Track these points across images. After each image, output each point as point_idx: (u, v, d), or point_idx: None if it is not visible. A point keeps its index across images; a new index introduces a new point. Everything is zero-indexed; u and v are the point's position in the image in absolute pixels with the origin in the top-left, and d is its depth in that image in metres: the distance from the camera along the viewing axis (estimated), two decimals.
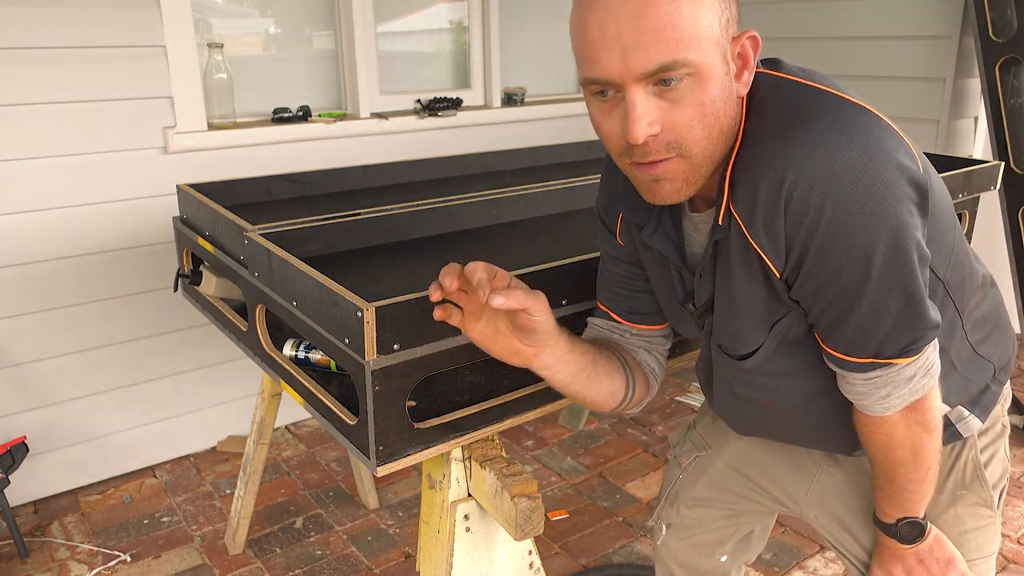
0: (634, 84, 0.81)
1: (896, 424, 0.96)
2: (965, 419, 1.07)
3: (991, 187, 1.94)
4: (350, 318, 1.08)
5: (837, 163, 0.81)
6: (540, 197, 1.88)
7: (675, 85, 0.81)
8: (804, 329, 0.97)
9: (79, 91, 2.13)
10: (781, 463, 1.25)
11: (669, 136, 0.84)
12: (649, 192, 0.91)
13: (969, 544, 1.11)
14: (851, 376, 0.95)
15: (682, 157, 0.86)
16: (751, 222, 0.87)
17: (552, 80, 3.22)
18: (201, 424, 2.57)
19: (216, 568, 2.05)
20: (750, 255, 0.90)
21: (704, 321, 1.04)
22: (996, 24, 2.55)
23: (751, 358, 1.01)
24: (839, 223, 0.82)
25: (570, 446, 2.63)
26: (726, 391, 1.11)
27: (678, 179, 0.88)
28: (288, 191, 1.97)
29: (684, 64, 0.80)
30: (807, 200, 0.82)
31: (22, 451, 2.08)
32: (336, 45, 2.67)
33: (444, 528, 1.24)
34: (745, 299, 0.95)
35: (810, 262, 0.86)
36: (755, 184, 0.85)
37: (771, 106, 0.88)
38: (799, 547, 2.10)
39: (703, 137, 0.85)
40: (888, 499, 1.05)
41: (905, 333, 0.89)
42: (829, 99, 0.86)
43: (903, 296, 0.87)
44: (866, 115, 0.85)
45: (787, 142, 0.83)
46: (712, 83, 0.82)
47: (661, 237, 1.01)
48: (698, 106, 0.83)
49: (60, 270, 2.22)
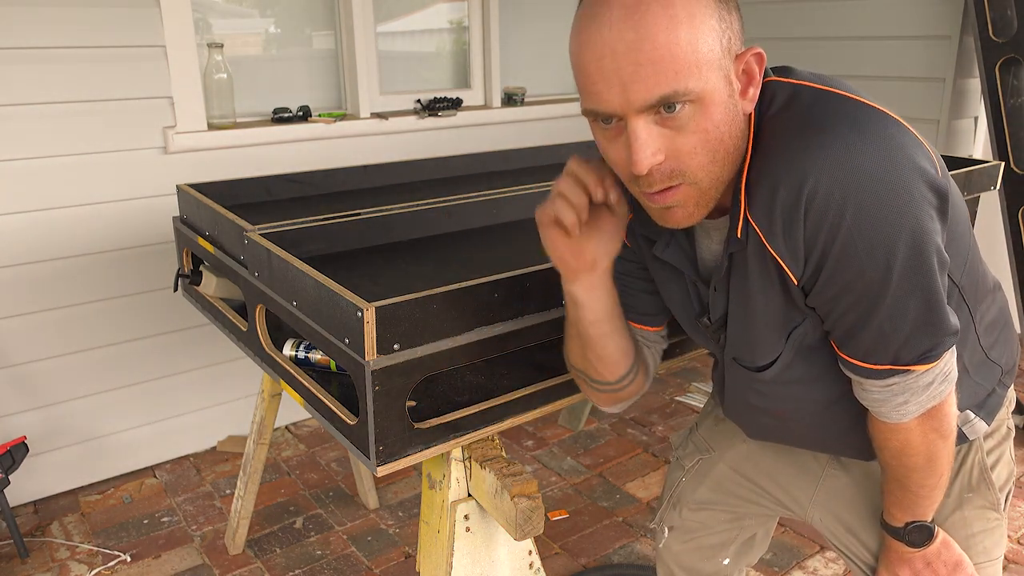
0: (636, 116, 0.81)
1: (912, 431, 0.96)
2: (971, 422, 1.07)
3: (991, 187, 1.94)
4: (350, 318, 1.08)
5: (857, 167, 0.80)
6: (540, 197, 1.87)
7: (677, 112, 0.80)
8: (820, 335, 0.96)
9: (79, 91, 2.13)
10: (786, 466, 1.25)
11: (673, 164, 0.83)
12: (661, 219, 0.90)
13: (976, 547, 1.10)
14: (868, 383, 0.94)
15: (688, 184, 0.85)
16: (770, 228, 0.86)
17: (552, 80, 3.22)
18: (201, 424, 2.57)
19: (216, 568, 2.05)
20: (767, 263, 0.89)
21: (720, 335, 1.03)
22: (996, 24, 2.55)
23: (769, 369, 1.00)
24: (860, 228, 0.81)
25: (570, 446, 2.63)
26: (741, 402, 1.10)
27: (689, 205, 0.87)
28: (288, 191, 1.97)
29: (685, 93, 0.79)
30: (827, 205, 0.81)
31: (22, 451, 2.08)
32: (336, 45, 2.67)
33: (444, 528, 1.24)
34: (763, 308, 0.94)
35: (829, 268, 0.85)
36: (773, 189, 0.84)
37: (788, 113, 0.87)
38: (799, 547, 2.10)
39: (708, 162, 0.84)
40: (898, 504, 1.05)
41: (924, 339, 0.89)
42: (846, 103, 0.85)
43: (923, 301, 0.86)
44: (885, 118, 0.84)
45: (806, 146, 0.82)
46: (715, 108, 0.82)
47: (674, 250, 1.00)
48: (702, 133, 0.82)
49: (60, 270, 2.22)
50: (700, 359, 2.04)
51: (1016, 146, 2.59)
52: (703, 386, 3.02)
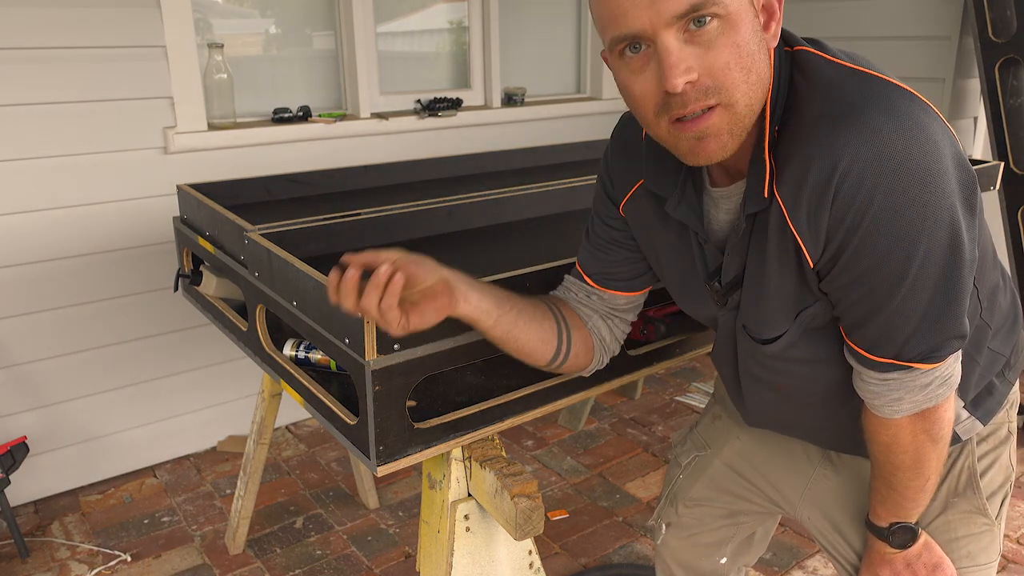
0: (665, 30, 0.78)
1: (903, 428, 0.95)
2: (963, 421, 1.06)
3: (991, 187, 1.94)
4: (350, 318, 1.08)
5: (891, 154, 0.78)
6: (540, 197, 1.88)
7: (707, 26, 0.79)
8: (829, 319, 0.95)
9: (79, 91, 2.13)
10: (778, 463, 1.25)
11: (708, 81, 0.81)
12: (692, 153, 0.86)
13: (959, 551, 1.09)
14: (867, 374, 0.93)
15: (723, 106, 0.82)
16: (795, 207, 0.85)
17: (552, 80, 3.22)
18: (201, 424, 2.57)
19: (216, 568, 2.05)
20: (787, 240, 0.88)
21: (729, 298, 1.01)
22: (996, 24, 2.55)
23: (774, 343, 0.99)
24: (886, 217, 0.80)
25: (570, 446, 2.63)
26: (745, 372, 1.09)
27: (723, 132, 0.84)
28: (288, 191, 1.97)
29: (715, 2, 0.78)
30: (857, 190, 0.80)
31: (22, 451, 2.08)
32: (336, 45, 2.67)
33: (444, 528, 1.24)
34: (776, 283, 0.93)
35: (848, 255, 0.84)
36: (805, 167, 0.82)
37: (820, 88, 0.85)
38: (799, 547, 2.10)
39: (742, 80, 0.81)
40: (884, 503, 1.05)
41: (930, 337, 0.87)
42: (879, 84, 0.83)
43: (938, 298, 0.85)
44: (916, 103, 0.82)
45: (840, 128, 0.80)
46: (743, 27, 0.80)
47: (686, 209, 0.98)
48: (733, 47, 0.80)
49: (60, 270, 2.22)
50: (700, 359, 2.04)
51: (1016, 146, 2.59)
52: (703, 386, 3.02)
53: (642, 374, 1.43)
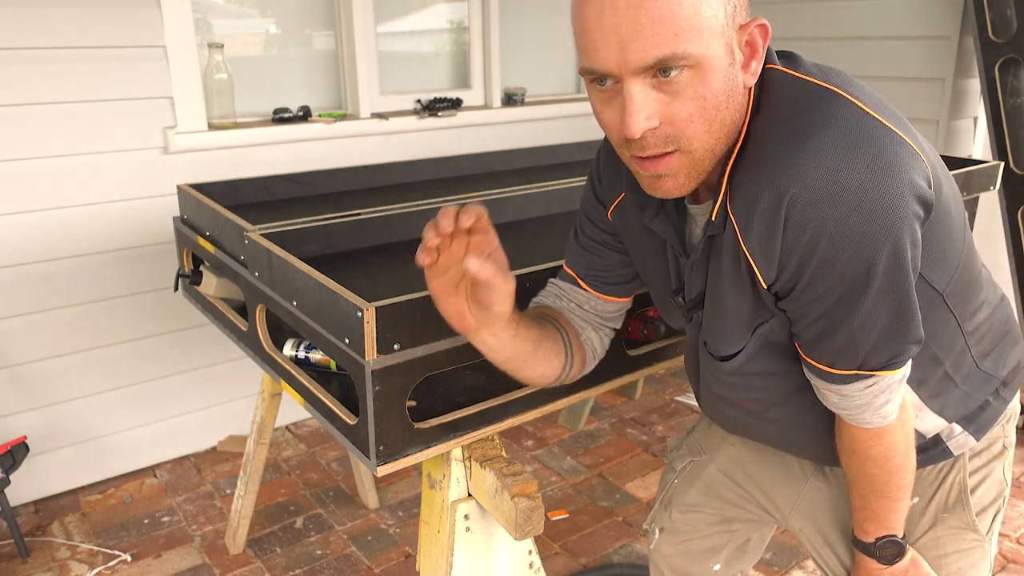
0: (632, 77, 0.79)
1: (895, 431, 0.95)
2: (956, 436, 1.05)
3: (990, 187, 1.94)
4: (350, 318, 1.08)
5: (842, 180, 0.78)
6: (540, 197, 1.88)
7: (674, 77, 0.78)
8: (786, 333, 0.95)
9: (79, 91, 2.13)
10: (772, 472, 1.24)
11: (668, 129, 0.81)
12: (650, 187, 0.88)
13: (948, 567, 1.08)
14: (831, 387, 0.93)
15: (682, 152, 0.83)
16: (747, 227, 0.85)
17: (552, 80, 3.22)
18: (201, 424, 2.57)
19: (216, 568, 2.05)
20: (740, 258, 0.88)
21: (693, 315, 1.02)
22: (996, 24, 2.55)
23: (733, 360, 0.99)
24: (840, 242, 0.79)
25: (570, 446, 2.63)
26: (706, 389, 1.10)
27: (680, 174, 0.85)
28: (288, 191, 1.97)
29: (683, 57, 0.77)
30: (808, 217, 0.79)
31: (22, 451, 2.08)
32: (336, 45, 2.67)
33: (444, 528, 1.24)
34: (732, 301, 0.94)
35: (806, 279, 0.84)
36: (756, 190, 0.82)
37: (782, 107, 0.85)
38: (799, 547, 2.10)
39: (704, 131, 0.82)
40: (873, 517, 1.04)
41: (891, 346, 0.88)
42: (842, 106, 0.83)
43: (895, 310, 0.85)
44: (878, 127, 0.82)
45: (794, 151, 0.80)
46: (714, 75, 0.79)
47: (663, 220, 0.99)
48: (699, 99, 0.80)
49: (60, 270, 2.22)
50: None
51: (1015, 146, 2.59)
52: None
53: (642, 374, 1.43)
